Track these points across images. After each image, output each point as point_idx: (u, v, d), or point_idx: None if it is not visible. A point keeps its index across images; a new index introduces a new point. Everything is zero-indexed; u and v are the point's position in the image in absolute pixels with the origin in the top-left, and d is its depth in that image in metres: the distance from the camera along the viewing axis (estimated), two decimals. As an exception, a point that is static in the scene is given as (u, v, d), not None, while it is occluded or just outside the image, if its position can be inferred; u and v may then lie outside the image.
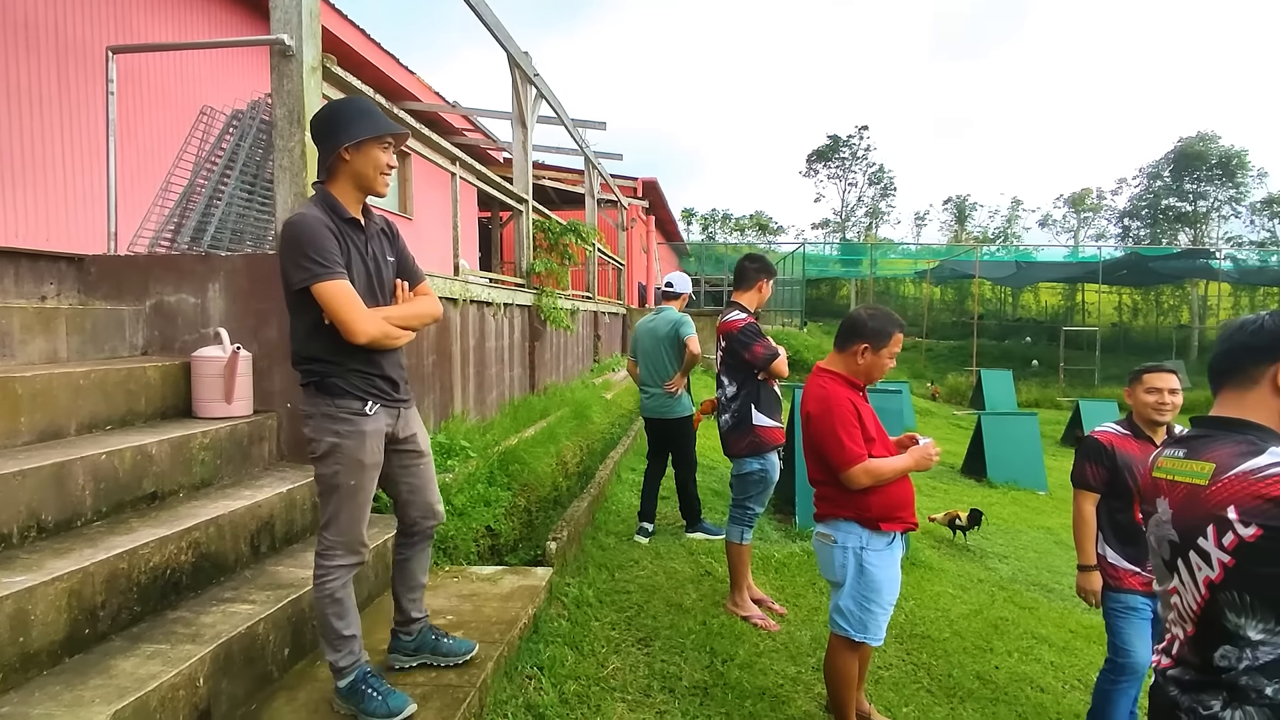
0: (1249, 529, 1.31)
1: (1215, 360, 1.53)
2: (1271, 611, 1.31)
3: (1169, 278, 24.42)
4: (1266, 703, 1.32)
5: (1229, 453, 1.40)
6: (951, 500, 8.11)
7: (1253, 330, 1.47)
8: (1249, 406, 1.46)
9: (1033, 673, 3.85)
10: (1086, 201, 31.32)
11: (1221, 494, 1.37)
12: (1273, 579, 1.30)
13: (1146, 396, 2.94)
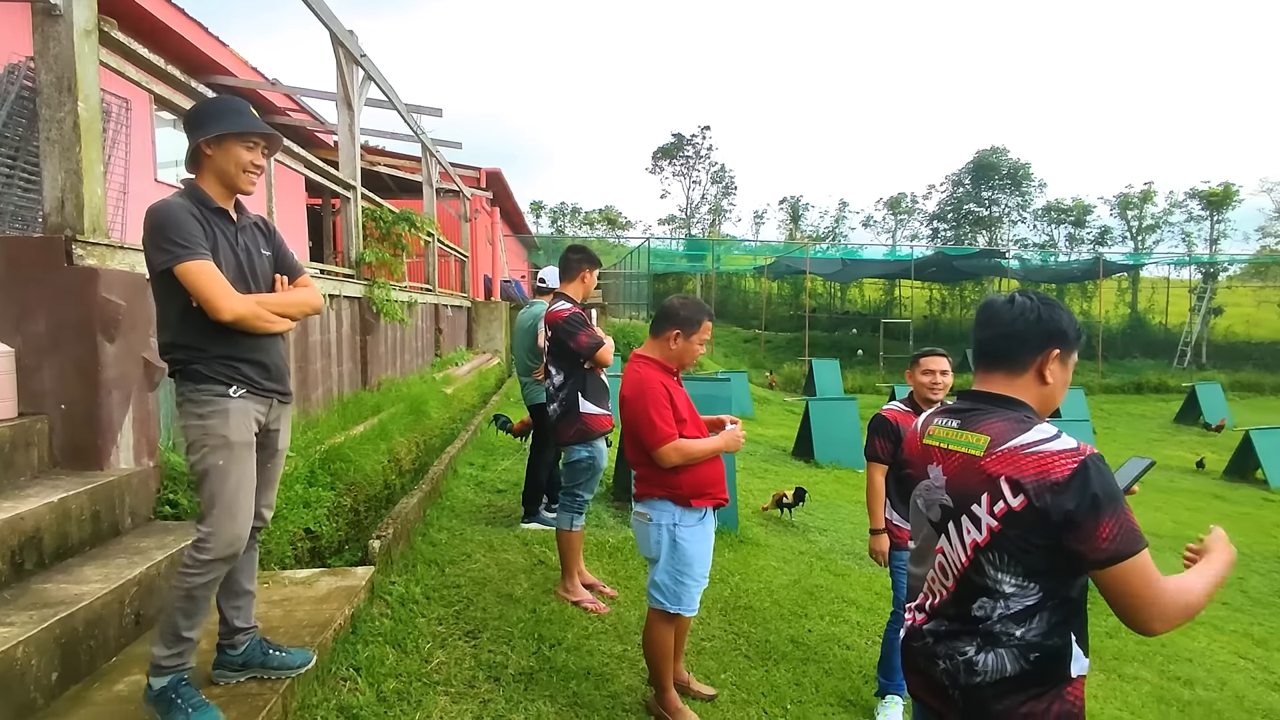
0: (1016, 499, 1.47)
1: (988, 342, 1.66)
2: (1024, 570, 1.49)
3: (970, 275, 27.36)
4: (1016, 643, 1.50)
5: (1003, 427, 1.55)
6: (781, 481, 8.64)
7: (1031, 320, 1.61)
8: (1018, 387, 1.62)
9: (840, 633, 4.22)
10: (902, 205, 34.47)
11: (996, 466, 1.51)
12: (1029, 543, 1.47)
13: (922, 378, 3.30)
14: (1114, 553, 1.39)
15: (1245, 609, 6.23)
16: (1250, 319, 28.91)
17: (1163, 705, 4.02)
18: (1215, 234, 28.01)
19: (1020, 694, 1.49)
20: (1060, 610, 1.48)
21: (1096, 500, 1.39)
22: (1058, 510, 1.41)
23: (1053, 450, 1.45)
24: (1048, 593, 1.48)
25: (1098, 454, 1.45)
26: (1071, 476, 1.41)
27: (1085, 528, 1.40)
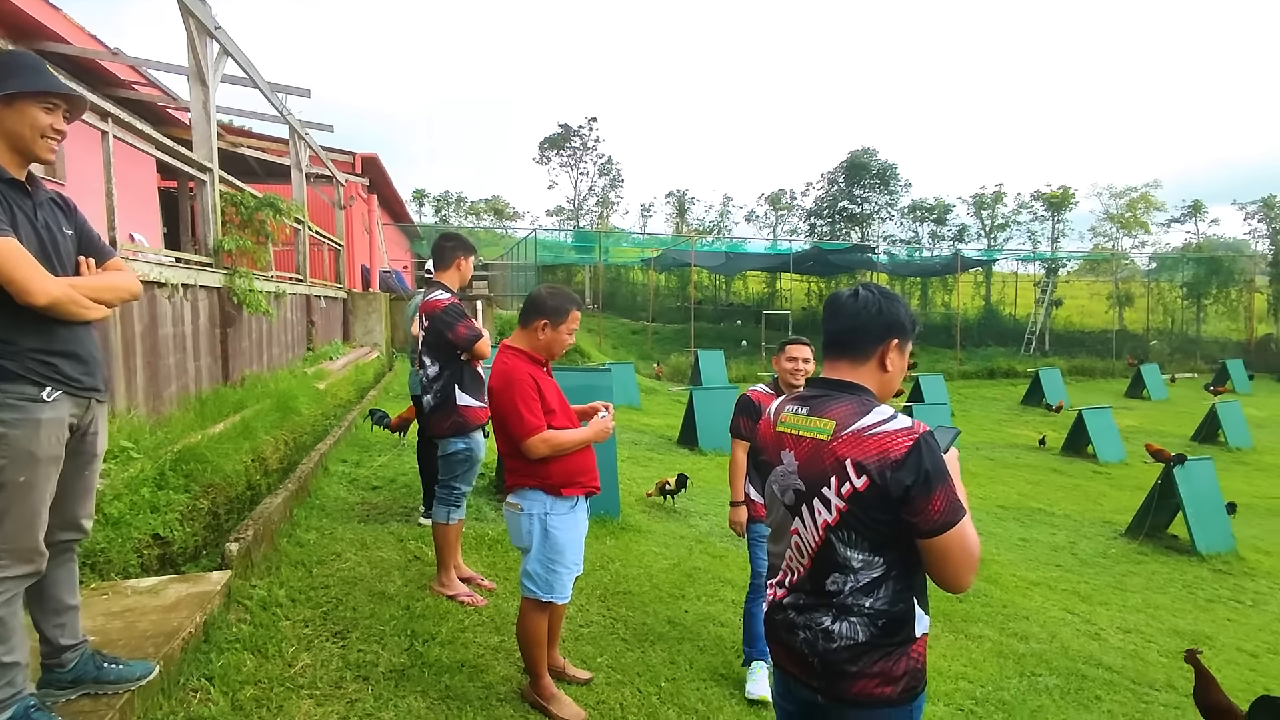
0: (860, 479, 1.58)
1: (835, 333, 1.77)
2: (870, 545, 1.62)
3: (843, 268, 28.80)
4: (866, 612, 1.63)
5: (847, 411, 1.65)
6: (666, 469, 8.82)
7: (870, 313, 1.73)
8: (862, 374, 1.74)
9: (716, 611, 4.38)
10: (782, 201, 35.86)
11: (841, 449, 1.62)
12: (873, 519, 1.59)
13: (786, 364, 3.49)
14: (944, 523, 1.53)
15: (1074, 569, 6.93)
16: (1084, 310, 32.06)
17: (1001, 659, 4.43)
18: (1056, 233, 30.93)
19: (872, 656, 1.62)
20: (903, 579, 1.62)
21: (929, 476, 1.53)
22: (897, 486, 1.54)
23: (890, 430, 1.58)
24: (891, 563, 1.61)
25: (929, 431, 1.59)
26: (908, 454, 1.54)
27: (919, 502, 1.53)
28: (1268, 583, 6.84)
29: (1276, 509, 9.75)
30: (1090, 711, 3.87)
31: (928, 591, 1.69)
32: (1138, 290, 29.84)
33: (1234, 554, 7.46)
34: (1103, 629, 5.30)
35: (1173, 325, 29.21)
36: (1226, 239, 30.18)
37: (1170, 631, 5.41)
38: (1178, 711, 3.96)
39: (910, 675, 1.63)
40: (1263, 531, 8.60)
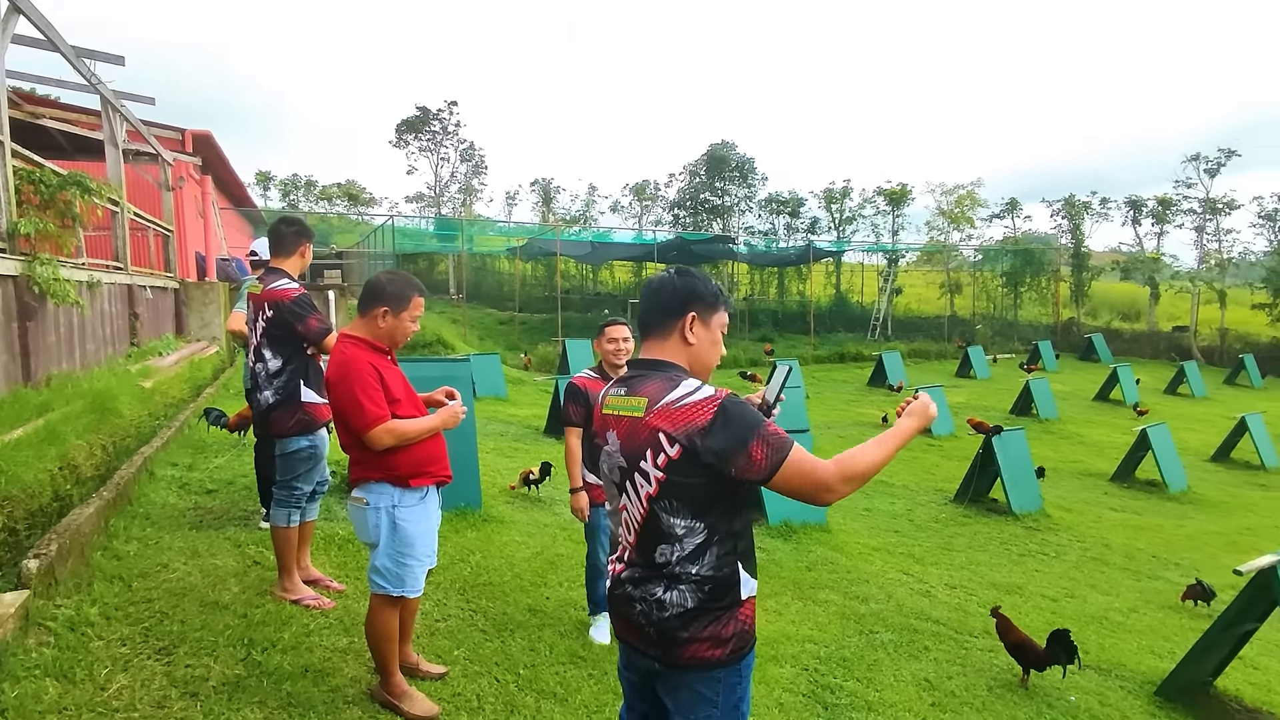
0: (673, 448, 1.66)
1: (643, 316, 1.87)
2: (691, 511, 1.69)
3: (706, 258, 29.66)
4: (694, 579, 1.70)
5: (657, 388, 1.73)
6: (532, 459, 8.76)
7: (668, 291, 1.82)
8: (669, 350, 1.82)
9: (578, 596, 4.40)
10: (646, 191, 36.34)
11: (654, 422, 1.69)
12: (691, 485, 1.67)
13: (607, 345, 3.61)
14: (773, 465, 1.62)
15: (909, 534, 7.55)
16: (921, 297, 34.83)
17: (844, 620, 4.76)
18: (896, 226, 33.30)
19: (702, 621, 1.70)
20: (726, 543, 1.70)
21: (739, 432, 1.62)
22: (708, 451, 1.62)
23: (696, 400, 1.67)
24: (712, 528, 1.69)
25: (732, 394, 1.69)
26: (713, 420, 1.63)
27: (740, 458, 1.62)
28: (1067, 536, 7.76)
29: (1076, 471, 11.08)
30: (919, 661, 4.23)
31: (754, 558, 1.78)
32: (965, 279, 32.77)
33: (1042, 512, 8.39)
34: (932, 586, 5.81)
35: (994, 311, 32.35)
36: (1038, 233, 33.68)
37: (989, 585, 6.02)
38: (992, 654, 4.42)
39: (738, 636, 1.72)
40: (1065, 492, 9.74)
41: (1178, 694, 4.10)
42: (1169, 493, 9.95)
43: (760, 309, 31.64)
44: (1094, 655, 4.63)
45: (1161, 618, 5.61)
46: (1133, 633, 5.24)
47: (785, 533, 6.52)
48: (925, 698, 3.76)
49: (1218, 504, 9.81)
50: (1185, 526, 8.66)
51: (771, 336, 27.19)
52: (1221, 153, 29.03)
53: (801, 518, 6.77)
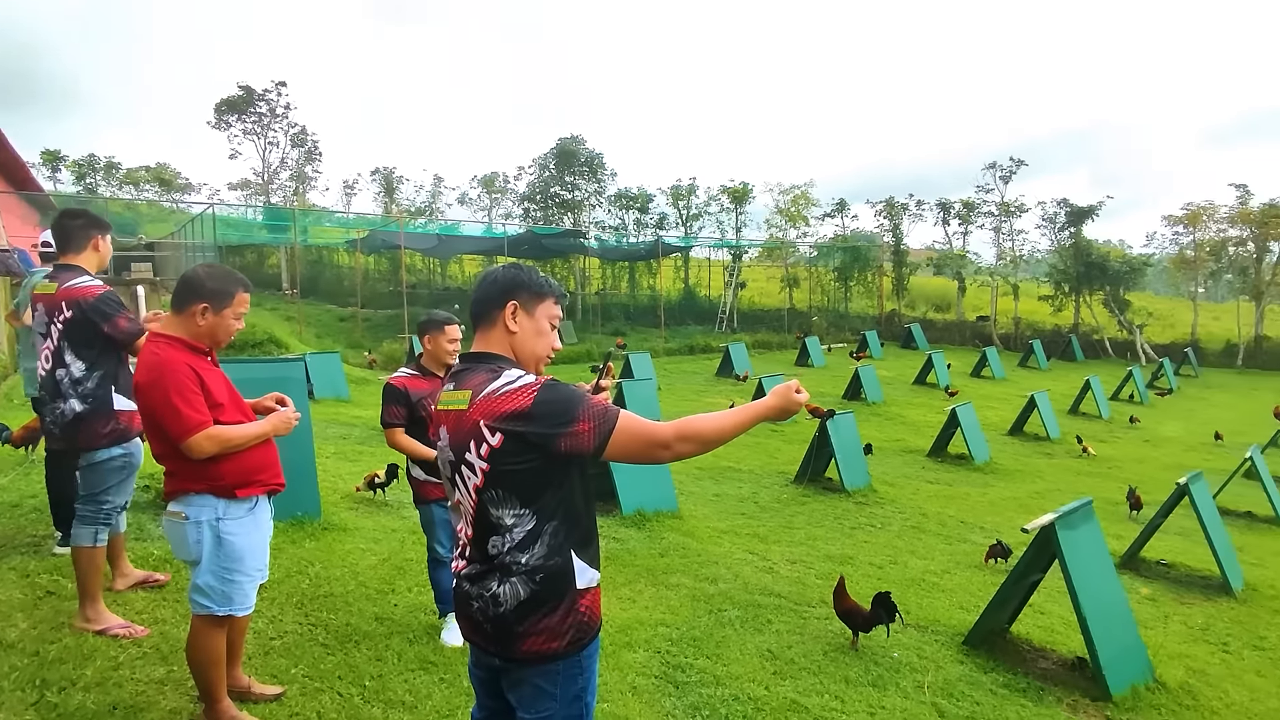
0: (495, 437, 1.66)
1: (471, 309, 1.87)
2: (518, 498, 1.69)
3: (557, 253, 29.61)
4: (524, 570, 1.70)
5: (480, 380, 1.74)
6: (378, 461, 8.37)
7: (490, 283, 1.84)
8: (492, 342, 1.83)
9: (429, 600, 4.27)
10: (495, 184, 35.63)
11: (476, 413, 1.69)
12: (515, 473, 1.67)
13: (448, 345, 3.63)
14: (602, 435, 1.65)
15: (755, 515, 7.95)
16: (763, 291, 36.72)
17: (695, 601, 4.95)
18: (739, 223, 34.87)
19: (536, 613, 1.70)
20: (557, 533, 1.71)
21: (560, 412, 1.65)
22: (534, 435, 1.64)
23: (516, 387, 1.68)
24: (541, 517, 1.70)
25: (550, 379, 1.72)
26: (534, 404, 1.65)
27: (567, 436, 1.64)
28: (891, 508, 8.49)
29: (899, 449, 12.14)
30: (763, 633, 4.49)
31: (596, 547, 1.81)
32: (802, 274, 34.92)
33: (870, 488, 9.12)
34: (775, 563, 6.16)
35: (828, 304, 34.72)
36: (864, 232, 36.49)
37: (825, 557, 6.47)
38: (827, 621, 4.76)
39: (577, 628, 1.73)
40: (889, 468, 10.65)
41: (981, 641, 4.62)
42: (974, 464, 11.14)
43: (612, 303, 32.06)
44: (914, 614, 5.11)
45: (969, 576, 6.28)
46: (945, 591, 5.83)
47: (638, 522, 6.66)
48: (768, 667, 3.99)
49: (1013, 472, 11.11)
50: (988, 494, 9.74)
51: (624, 330, 27.62)
52: (1013, 162, 32.82)
53: (654, 506, 6.95)
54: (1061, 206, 31.46)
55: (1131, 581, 6.26)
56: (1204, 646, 5.15)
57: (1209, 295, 35.28)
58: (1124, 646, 4.31)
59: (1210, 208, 30.31)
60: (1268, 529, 8.56)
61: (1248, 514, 8.94)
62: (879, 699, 3.78)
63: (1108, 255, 31.18)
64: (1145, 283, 34.18)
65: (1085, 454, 12.18)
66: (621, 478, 6.78)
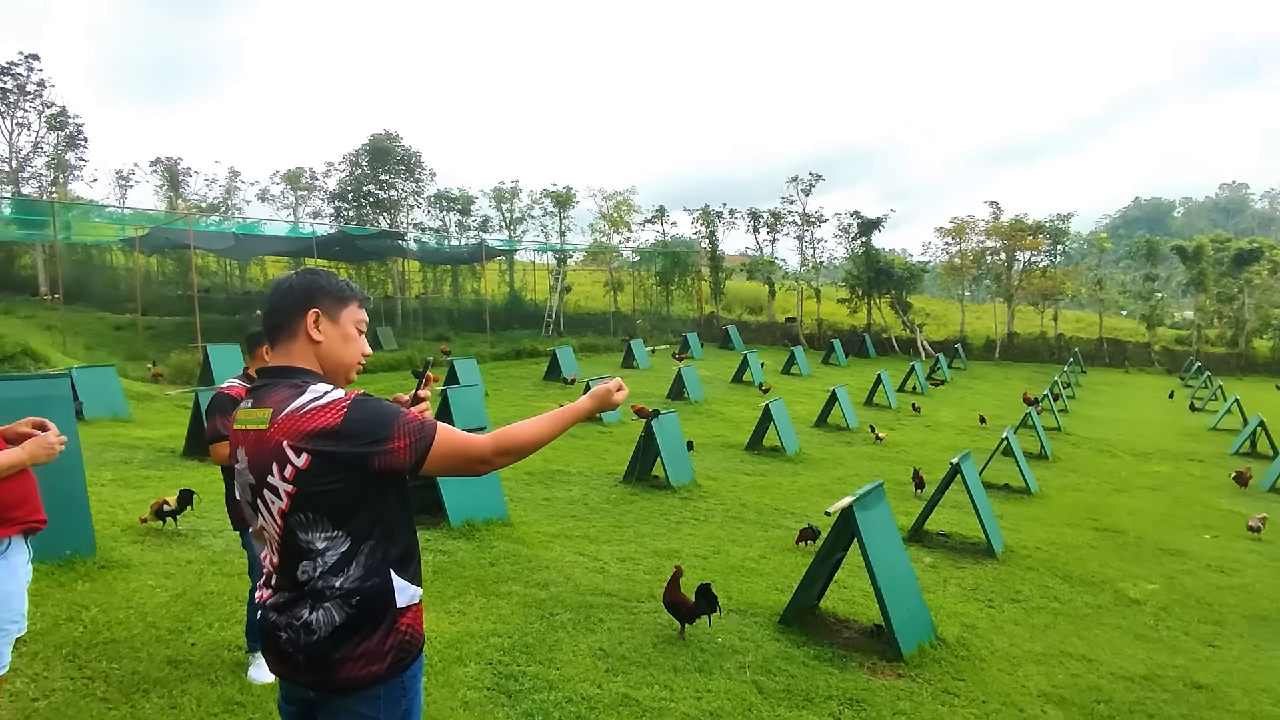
0: (301, 458, 1.55)
1: (266, 317, 1.74)
2: (331, 521, 1.59)
3: (374, 255, 28.11)
4: (339, 594, 1.60)
5: (282, 396, 1.62)
6: (167, 486, 7.50)
7: (285, 290, 1.72)
8: (295, 354, 1.71)
9: (233, 636, 3.91)
10: (302, 180, 33.09)
11: (278, 433, 1.57)
12: (325, 494, 1.57)
13: None
14: (419, 451, 1.60)
15: (585, 517, 8.04)
16: (589, 295, 37.21)
17: (526, 608, 4.92)
18: (563, 227, 35.05)
19: (353, 637, 1.61)
20: (374, 553, 1.64)
21: (374, 429, 1.58)
22: (345, 454, 1.56)
23: (323, 404, 1.60)
24: (358, 537, 1.62)
25: (362, 393, 1.65)
26: (343, 421, 1.57)
27: (382, 454, 1.58)
28: (714, 501, 8.94)
29: (719, 444, 12.81)
30: (595, 633, 4.56)
31: (417, 563, 1.76)
32: (626, 278, 35.79)
33: (694, 483, 9.54)
34: (606, 563, 6.28)
35: (651, 307, 35.87)
36: (683, 238, 38.10)
37: (653, 553, 6.68)
38: (656, 615, 4.93)
39: (398, 648, 1.67)
40: (711, 462, 11.21)
41: (794, 619, 5.00)
42: (786, 455, 12.01)
43: (435, 307, 31.00)
44: (735, 600, 5.42)
45: (783, 559, 6.76)
46: (763, 575, 6.24)
47: (468, 532, 6.50)
48: (600, 665, 4.07)
49: (819, 460, 12.11)
50: (797, 481, 10.53)
51: (448, 335, 26.79)
52: (812, 176, 35.77)
53: (484, 515, 6.82)
54: (854, 218, 34.73)
55: (917, 552, 7.05)
56: (974, 604, 5.92)
57: (973, 298, 40.45)
58: (911, 611, 4.86)
59: (972, 221, 34.86)
60: (1020, 498, 10.00)
61: (1005, 486, 10.38)
62: (705, 683, 3.98)
63: (893, 263, 34.87)
64: (923, 287, 38.58)
65: (878, 441, 13.53)
66: (448, 488, 6.59)
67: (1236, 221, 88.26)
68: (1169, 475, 12.42)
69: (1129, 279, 38.05)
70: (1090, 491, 10.86)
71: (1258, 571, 7.42)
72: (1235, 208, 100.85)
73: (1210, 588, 6.83)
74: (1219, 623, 5.98)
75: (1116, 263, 44.72)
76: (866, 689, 4.12)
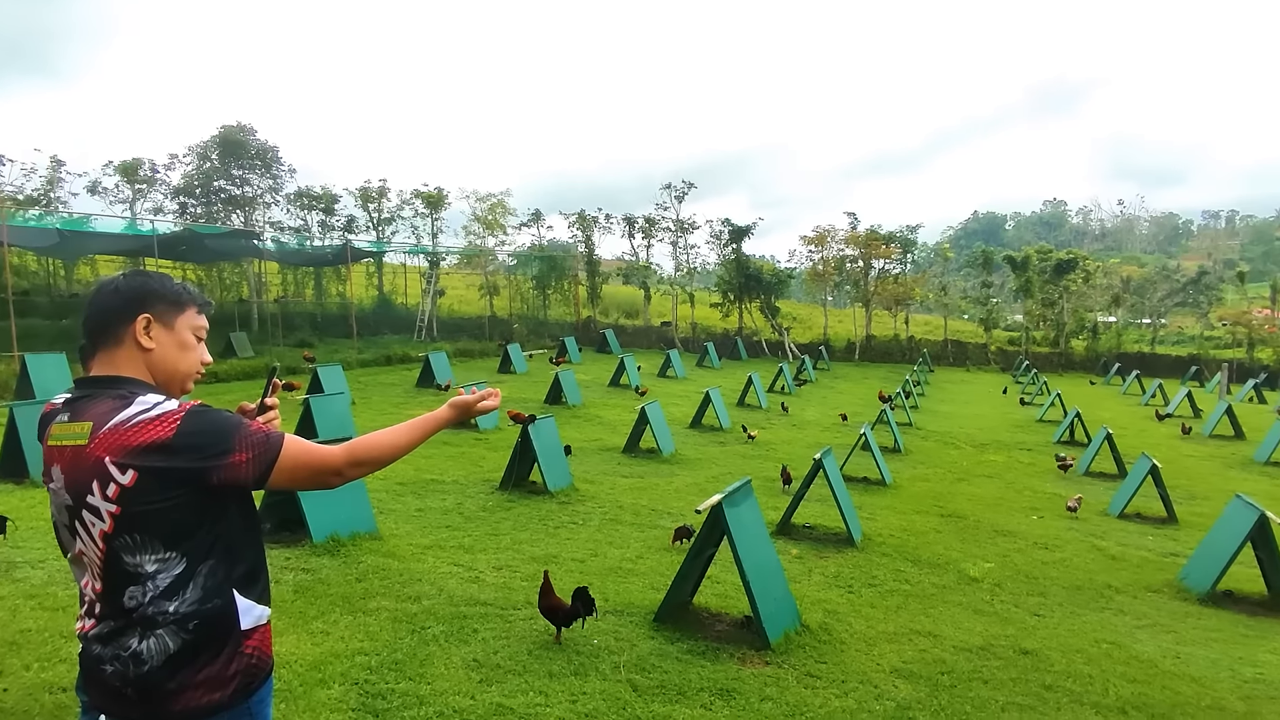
0: (126, 475, 1.43)
1: (86, 323, 1.59)
2: (161, 541, 1.47)
3: (226, 255, 26.09)
4: (174, 619, 1.48)
5: (105, 409, 1.48)
6: (-26, 514, 6.65)
7: (110, 292, 1.58)
8: (121, 363, 1.58)
9: (54, 677, 3.54)
10: (140, 173, 30.16)
11: (100, 449, 1.44)
12: (155, 513, 1.45)
13: None
14: (263, 465, 1.52)
15: (461, 527, 7.84)
16: (463, 299, 36.36)
17: (396, 623, 4.74)
18: (435, 229, 34.04)
19: (192, 664, 1.51)
20: (214, 573, 1.55)
21: (211, 442, 1.49)
22: (178, 470, 1.46)
23: (153, 417, 1.49)
24: (193, 557, 1.52)
25: (199, 404, 1.55)
26: (176, 435, 1.47)
27: (221, 469, 1.49)
28: (592, 504, 8.98)
29: (597, 448, 12.86)
30: (469, 644, 4.47)
31: (264, 580, 1.67)
32: (502, 282, 35.27)
33: (572, 487, 9.53)
34: (482, 572, 6.16)
35: (528, 311, 35.53)
36: (560, 242, 38.04)
37: (530, 559, 6.62)
38: (533, 621, 4.89)
39: (243, 673, 1.59)
40: (589, 466, 11.24)
41: (669, 616, 5.12)
42: (663, 456, 12.24)
43: (296, 311, 29.25)
44: (612, 601, 5.47)
45: (659, 558, 6.89)
46: (639, 575, 6.33)
47: (332, 548, 6.19)
48: (474, 676, 3.99)
49: (694, 461, 12.43)
50: (674, 482, 10.76)
51: (312, 341, 25.34)
52: (685, 183, 36.71)
53: (350, 529, 6.51)
54: (725, 225, 35.95)
55: (785, 545, 7.39)
56: (836, 591, 6.28)
57: (835, 302, 42.89)
58: (778, 601, 5.09)
59: (833, 230, 36.98)
60: (877, 489, 10.71)
61: (864, 479, 11.08)
62: (580, 686, 4.00)
63: (762, 269, 36.39)
64: (790, 292, 40.50)
65: (750, 440, 14.06)
66: (310, 503, 6.24)
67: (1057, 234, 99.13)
68: (1003, 464, 13.69)
69: (969, 285, 41.77)
70: (937, 481, 11.79)
71: (1075, 546, 8.33)
72: (1056, 222, 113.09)
73: (1036, 563, 7.60)
74: (1043, 594, 6.67)
75: (958, 270, 48.83)
76: (737, 678, 4.28)
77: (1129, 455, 12.58)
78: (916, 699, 4.28)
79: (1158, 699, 4.55)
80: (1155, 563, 7.90)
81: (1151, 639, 5.72)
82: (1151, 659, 5.22)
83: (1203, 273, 45.89)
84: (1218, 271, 50.53)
